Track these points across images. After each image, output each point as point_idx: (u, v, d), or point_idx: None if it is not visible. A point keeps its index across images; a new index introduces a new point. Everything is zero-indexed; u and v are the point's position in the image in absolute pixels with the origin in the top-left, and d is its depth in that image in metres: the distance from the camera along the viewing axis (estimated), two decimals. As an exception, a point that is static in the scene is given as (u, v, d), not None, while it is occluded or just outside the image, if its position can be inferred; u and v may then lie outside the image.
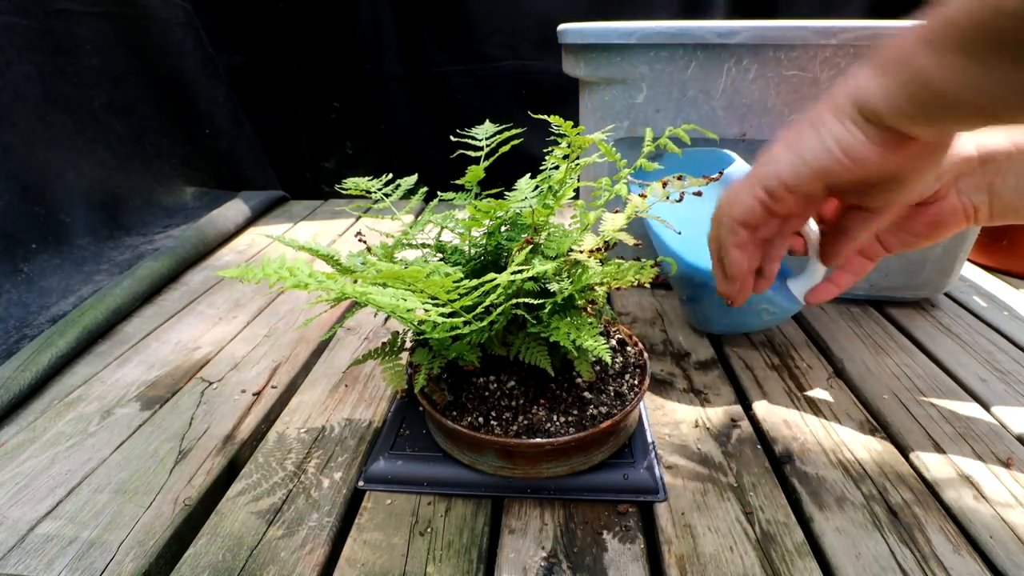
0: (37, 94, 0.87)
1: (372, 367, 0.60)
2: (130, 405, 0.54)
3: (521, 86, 1.32)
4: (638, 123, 0.67)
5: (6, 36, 0.83)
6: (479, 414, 0.43)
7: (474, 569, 0.37)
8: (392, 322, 0.69)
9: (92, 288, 0.78)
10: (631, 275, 0.41)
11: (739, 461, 0.47)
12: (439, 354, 0.42)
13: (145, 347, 0.65)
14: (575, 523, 0.41)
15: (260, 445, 0.49)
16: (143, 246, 0.94)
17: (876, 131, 0.28)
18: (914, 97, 0.26)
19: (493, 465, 0.43)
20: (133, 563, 0.38)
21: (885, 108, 0.27)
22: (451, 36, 1.29)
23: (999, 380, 0.58)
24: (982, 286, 0.81)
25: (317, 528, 0.40)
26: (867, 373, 0.59)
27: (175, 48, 1.13)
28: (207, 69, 1.20)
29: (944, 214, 0.41)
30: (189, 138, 1.17)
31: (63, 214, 0.87)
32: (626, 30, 0.63)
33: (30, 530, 0.40)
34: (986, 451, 0.48)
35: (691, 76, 0.64)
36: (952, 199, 0.40)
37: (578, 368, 0.42)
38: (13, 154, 0.82)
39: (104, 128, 0.98)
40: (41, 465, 0.46)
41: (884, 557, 0.38)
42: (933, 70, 0.25)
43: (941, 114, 0.26)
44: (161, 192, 1.09)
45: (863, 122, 0.28)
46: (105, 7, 0.98)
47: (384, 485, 0.44)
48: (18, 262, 0.77)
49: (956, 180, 0.40)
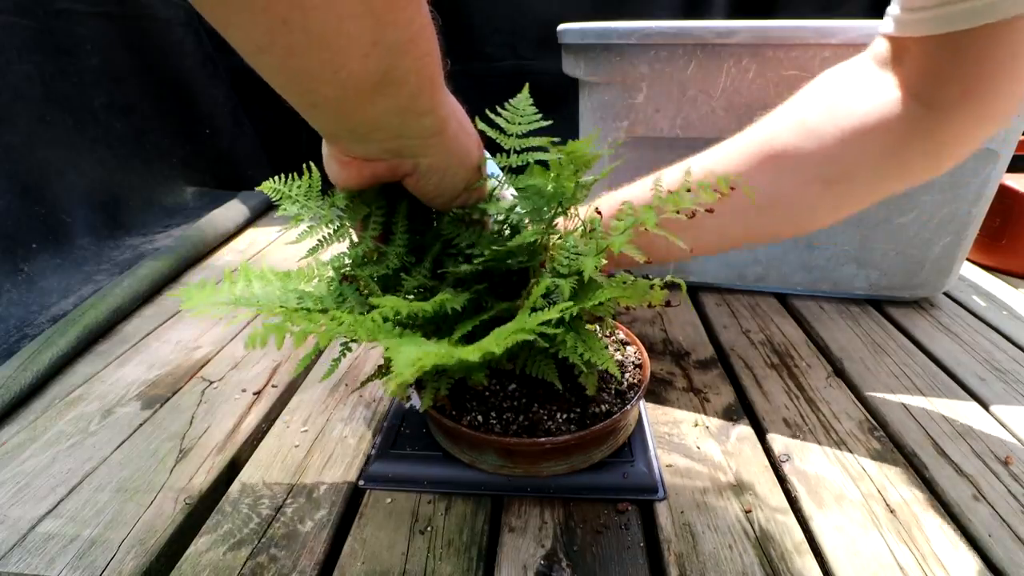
0: (37, 94, 0.87)
1: (372, 366, 0.60)
2: (131, 404, 0.54)
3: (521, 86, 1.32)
4: (638, 123, 0.68)
5: (6, 36, 0.83)
6: (479, 413, 0.43)
7: (474, 567, 0.37)
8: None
9: (92, 288, 0.78)
10: (639, 296, 0.41)
11: (738, 460, 0.47)
12: (445, 374, 0.41)
13: (145, 347, 0.65)
14: (575, 521, 0.41)
15: (260, 444, 0.49)
16: (143, 246, 0.94)
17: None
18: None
19: (493, 464, 0.43)
20: (134, 561, 0.38)
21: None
22: (451, 36, 1.29)
23: (998, 379, 0.58)
24: (981, 286, 0.82)
25: (317, 527, 0.40)
26: (866, 372, 0.59)
27: (175, 48, 1.13)
28: (207, 69, 1.20)
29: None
30: (189, 138, 1.17)
31: (63, 214, 0.88)
32: (626, 30, 0.63)
33: (31, 529, 0.40)
34: (985, 450, 0.48)
35: (691, 76, 0.64)
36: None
37: (584, 382, 0.42)
38: (13, 154, 0.82)
39: (104, 128, 0.98)
40: (42, 464, 0.46)
41: (883, 555, 0.38)
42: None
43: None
44: (161, 192, 1.09)
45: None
46: (105, 7, 0.98)
47: (384, 484, 0.44)
48: (18, 262, 0.77)
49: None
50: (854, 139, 0.41)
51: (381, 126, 0.32)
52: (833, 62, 0.61)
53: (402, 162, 0.35)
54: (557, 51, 0.72)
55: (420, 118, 0.32)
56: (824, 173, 0.43)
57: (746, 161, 0.45)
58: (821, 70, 0.61)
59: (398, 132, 0.32)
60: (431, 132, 0.33)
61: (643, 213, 0.40)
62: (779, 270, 0.75)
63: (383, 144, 0.33)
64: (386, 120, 0.31)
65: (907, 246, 0.70)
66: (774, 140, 0.44)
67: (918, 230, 0.69)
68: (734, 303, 0.75)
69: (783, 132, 0.44)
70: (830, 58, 0.60)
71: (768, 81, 0.62)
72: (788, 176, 0.44)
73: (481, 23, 1.27)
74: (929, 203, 0.68)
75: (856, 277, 0.73)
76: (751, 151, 0.45)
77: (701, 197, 0.40)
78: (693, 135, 0.67)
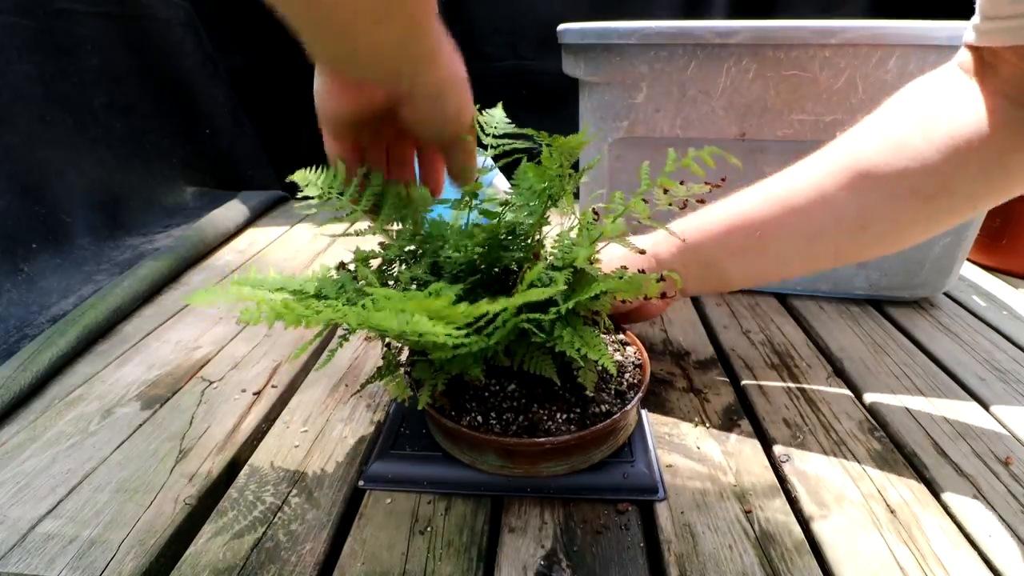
0: (37, 94, 0.87)
1: (372, 366, 0.60)
2: (130, 404, 0.54)
3: (521, 86, 1.32)
4: (638, 123, 0.68)
5: (6, 36, 0.83)
6: (478, 413, 0.43)
7: (474, 568, 0.37)
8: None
9: (92, 288, 0.78)
10: (635, 289, 0.41)
11: (739, 460, 0.47)
12: (442, 369, 0.41)
13: (145, 347, 0.65)
14: (575, 522, 0.41)
15: (260, 444, 0.49)
16: (143, 246, 0.94)
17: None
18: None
19: (493, 464, 0.43)
20: (134, 562, 0.38)
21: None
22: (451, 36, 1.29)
23: (998, 379, 0.58)
24: (981, 286, 0.81)
25: (317, 527, 0.40)
26: (867, 372, 0.59)
27: (175, 48, 1.13)
28: (207, 69, 1.20)
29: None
30: (189, 138, 1.17)
31: (63, 214, 0.88)
32: (626, 30, 0.63)
33: (31, 529, 0.40)
34: (985, 450, 0.48)
35: (691, 76, 0.64)
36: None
37: (582, 379, 0.42)
38: (13, 154, 0.82)
39: (104, 128, 0.98)
40: (42, 464, 0.46)
41: (883, 556, 0.38)
42: None
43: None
44: (161, 192, 1.09)
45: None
46: (105, 7, 0.98)
47: (384, 484, 0.44)
48: (18, 262, 0.77)
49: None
50: (951, 150, 0.39)
51: (384, 49, 0.33)
52: (833, 62, 0.61)
53: (398, 86, 0.36)
54: (557, 51, 0.72)
55: (419, 41, 0.34)
56: (921, 188, 0.41)
57: (834, 181, 0.43)
58: (821, 70, 0.61)
59: (398, 55, 0.34)
60: (427, 57, 0.35)
61: (635, 205, 0.41)
62: (779, 270, 0.75)
63: (383, 66, 0.35)
64: (389, 42, 0.33)
65: (907, 246, 0.70)
66: (861, 157, 0.43)
67: (918, 230, 0.69)
68: (734, 303, 0.75)
69: (871, 148, 0.42)
70: (830, 58, 0.60)
71: (768, 81, 0.62)
72: (880, 194, 0.42)
73: (481, 23, 1.27)
74: (929, 203, 0.67)
75: (856, 277, 0.73)
76: (838, 170, 0.44)
77: (694, 190, 0.40)
78: (693, 135, 0.67)
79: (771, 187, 0.47)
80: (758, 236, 0.47)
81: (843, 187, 0.43)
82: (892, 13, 0.95)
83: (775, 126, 0.65)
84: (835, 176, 0.44)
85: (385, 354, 0.46)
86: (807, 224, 0.45)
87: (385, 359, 0.45)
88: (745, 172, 0.69)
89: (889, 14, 0.98)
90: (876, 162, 0.42)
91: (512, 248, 0.43)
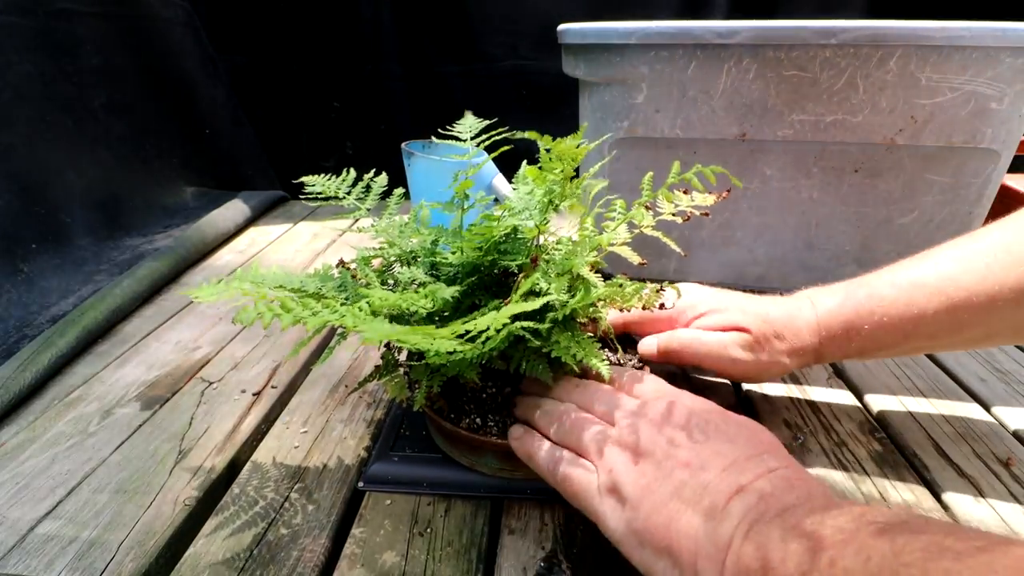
0: (37, 94, 0.87)
1: (372, 367, 0.60)
2: (130, 405, 0.54)
3: (521, 86, 1.32)
4: (638, 123, 0.67)
5: (6, 36, 0.83)
6: (477, 415, 0.43)
7: (473, 569, 0.37)
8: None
9: (92, 288, 0.78)
10: (635, 299, 0.41)
11: (739, 461, 0.47)
12: (438, 372, 0.41)
13: (145, 347, 0.65)
14: (575, 523, 0.41)
15: (260, 445, 0.49)
16: (143, 246, 0.94)
17: None
18: None
19: (492, 466, 0.43)
20: (133, 563, 0.38)
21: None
22: (451, 36, 1.29)
23: (999, 380, 0.58)
24: (982, 286, 0.81)
25: (317, 528, 0.40)
26: (867, 373, 0.59)
27: (175, 48, 1.13)
28: (207, 69, 1.20)
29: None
30: (189, 138, 1.17)
31: (63, 214, 0.87)
32: (626, 30, 0.63)
33: (30, 530, 0.40)
34: (986, 451, 0.48)
35: (691, 76, 0.64)
36: None
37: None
38: (13, 154, 0.82)
39: (104, 128, 0.98)
40: (41, 465, 0.46)
41: (884, 557, 0.38)
42: None
43: None
44: (161, 192, 1.09)
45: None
46: (105, 7, 0.98)
47: (384, 486, 0.44)
48: (18, 262, 0.77)
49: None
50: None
51: None
52: (833, 62, 0.61)
53: None
54: (557, 51, 0.72)
55: None
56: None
57: (999, 283, 0.39)
58: (821, 70, 0.61)
59: None
60: None
61: (637, 212, 0.40)
62: (779, 270, 0.75)
63: None
64: None
65: (908, 247, 0.70)
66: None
67: (919, 230, 0.69)
68: (734, 303, 0.75)
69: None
70: (830, 58, 0.60)
71: (768, 81, 0.62)
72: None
73: (481, 23, 1.27)
74: (930, 204, 0.67)
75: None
76: (1006, 271, 0.39)
77: (698, 200, 0.40)
78: (693, 135, 0.67)
79: (944, 281, 0.41)
80: (912, 328, 0.42)
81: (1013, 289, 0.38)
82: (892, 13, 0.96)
83: (775, 126, 0.65)
84: (1004, 278, 0.39)
85: (384, 354, 0.46)
86: (979, 331, 0.41)
87: (384, 359, 0.45)
88: (745, 172, 0.69)
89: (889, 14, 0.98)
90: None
91: (511, 252, 0.42)
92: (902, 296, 0.42)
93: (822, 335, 0.44)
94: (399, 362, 0.45)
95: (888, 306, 0.42)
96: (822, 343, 0.44)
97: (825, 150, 0.66)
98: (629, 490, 0.31)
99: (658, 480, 0.31)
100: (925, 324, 0.41)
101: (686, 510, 0.29)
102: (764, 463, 0.30)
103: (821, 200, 0.69)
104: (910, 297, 0.41)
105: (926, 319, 0.41)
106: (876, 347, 0.43)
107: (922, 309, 0.41)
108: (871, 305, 0.43)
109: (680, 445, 0.32)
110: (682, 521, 0.29)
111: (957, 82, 0.60)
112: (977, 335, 0.42)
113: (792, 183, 0.69)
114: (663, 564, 0.29)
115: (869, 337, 0.43)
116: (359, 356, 0.63)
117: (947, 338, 0.42)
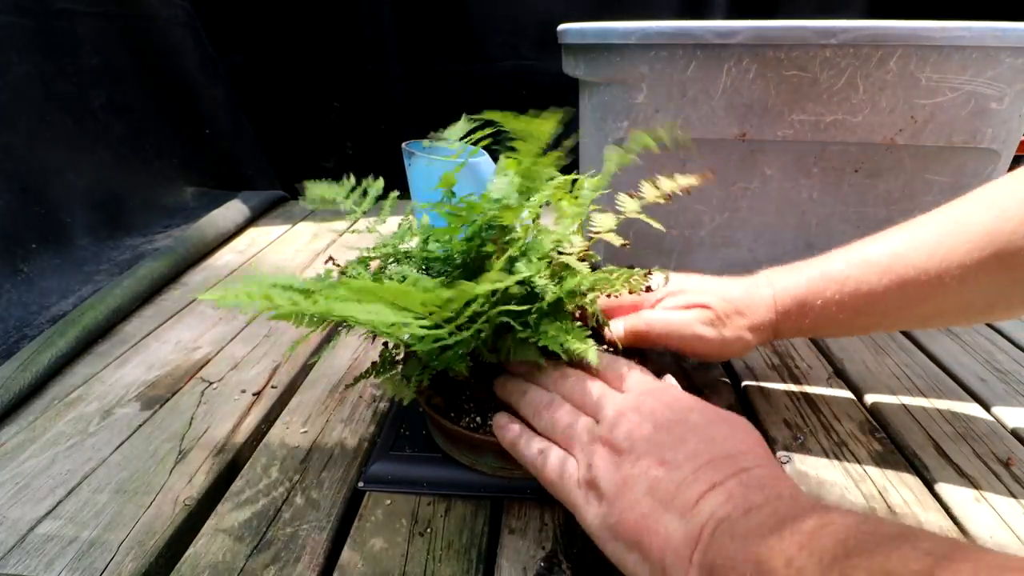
0: (37, 94, 0.87)
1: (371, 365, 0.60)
2: (130, 405, 0.54)
3: (521, 86, 1.32)
4: (638, 123, 0.67)
5: (6, 36, 0.83)
6: (477, 415, 0.43)
7: (474, 569, 0.37)
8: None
9: (92, 288, 0.78)
10: (620, 283, 0.41)
11: (739, 461, 0.47)
12: (428, 366, 0.41)
13: (145, 347, 0.65)
14: (575, 523, 0.41)
15: (260, 445, 0.49)
16: (143, 246, 0.94)
17: None
18: None
19: (492, 466, 0.43)
20: (133, 563, 0.38)
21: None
22: (451, 36, 1.29)
23: (999, 380, 0.58)
24: (982, 286, 0.81)
25: (316, 528, 0.40)
26: (867, 373, 0.59)
27: (175, 48, 1.13)
28: (207, 69, 1.20)
29: None
30: (189, 138, 1.17)
31: (63, 214, 0.88)
32: (626, 30, 0.63)
33: (30, 530, 0.40)
34: (986, 451, 0.48)
35: (691, 76, 0.64)
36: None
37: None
38: (13, 154, 0.82)
39: (104, 128, 0.98)
40: (41, 465, 0.46)
41: (884, 557, 0.38)
42: None
43: None
44: (161, 192, 1.09)
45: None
46: (105, 7, 0.98)
47: (383, 486, 0.44)
48: (18, 262, 0.77)
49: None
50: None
51: None
52: (834, 62, 0.61)
53: None
54: (557, 51, 0.72)
55: None
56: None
57: (974, 261, 0.39)
58: (821, 70, 0.61)
59: None
60: None
61: (629, 203, 0.40)
62: (779, 270, 0.75)
63: None
64: None
65: (908, 246, 0.70)
66: (998, 237, 0.38)
67: (919, 230, 0.69)
68: (734, 303, 0.75)
69: (1011, 230, 0.37)
70: (830, 58, 0.60)
71: (768, 81, 0.62)
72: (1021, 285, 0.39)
73: (481, 23, 1.27)
74: (930, 204, 0.67)
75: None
76: (976, 250, 0.39)
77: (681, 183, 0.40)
78: (694, 135, 0.67)
79: (894, 259, 0.42)
80: (864, 305, 0.43)
81: (981, 271, 0.38)
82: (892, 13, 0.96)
83: (776, 126, 0.65)
84: (978, 257, 0.39)
85: (382, 352, 0.46)
86: (928, 308, 0.41)
87: (382, 356, 0.45)
88: (745, 172, 0.69)
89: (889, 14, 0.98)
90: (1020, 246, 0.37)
91: (489, 236, 0.42)
92: (854, 273, 0.42)
93: (778, 311, 0.45)
94: (396, 360, 0.45)
95: (840, 283, 0.43)
96: (778, 319, 0.46)
97: (825, 150, 0.66)
98: (606, 485, 0.32)
99: (634, 477, 0.31)
100: (876, 301, 0.42)
101: (658, 507, 0.30)
102: (738, 463, 0.31)
103: (821, 200, 0.69)
104: (861, 274, 0.42)
105: (876, 296, 0.42)
106: (829, 323, 0.44)
107: (873, 286, 0.42)
108: (824, 282, 0.44)
109: (659, 443, 0.32)
110: (654, 518, 0.30)
111: (957, 82, 0.60)
112: (927, 312, 0.43)
113: (792, 183, 0.69)
114: (633, 558, 0.30)
115: (822, 313, 0.44)
116: (359, 356, 0.63)
117: (898, 315, 0.43)
